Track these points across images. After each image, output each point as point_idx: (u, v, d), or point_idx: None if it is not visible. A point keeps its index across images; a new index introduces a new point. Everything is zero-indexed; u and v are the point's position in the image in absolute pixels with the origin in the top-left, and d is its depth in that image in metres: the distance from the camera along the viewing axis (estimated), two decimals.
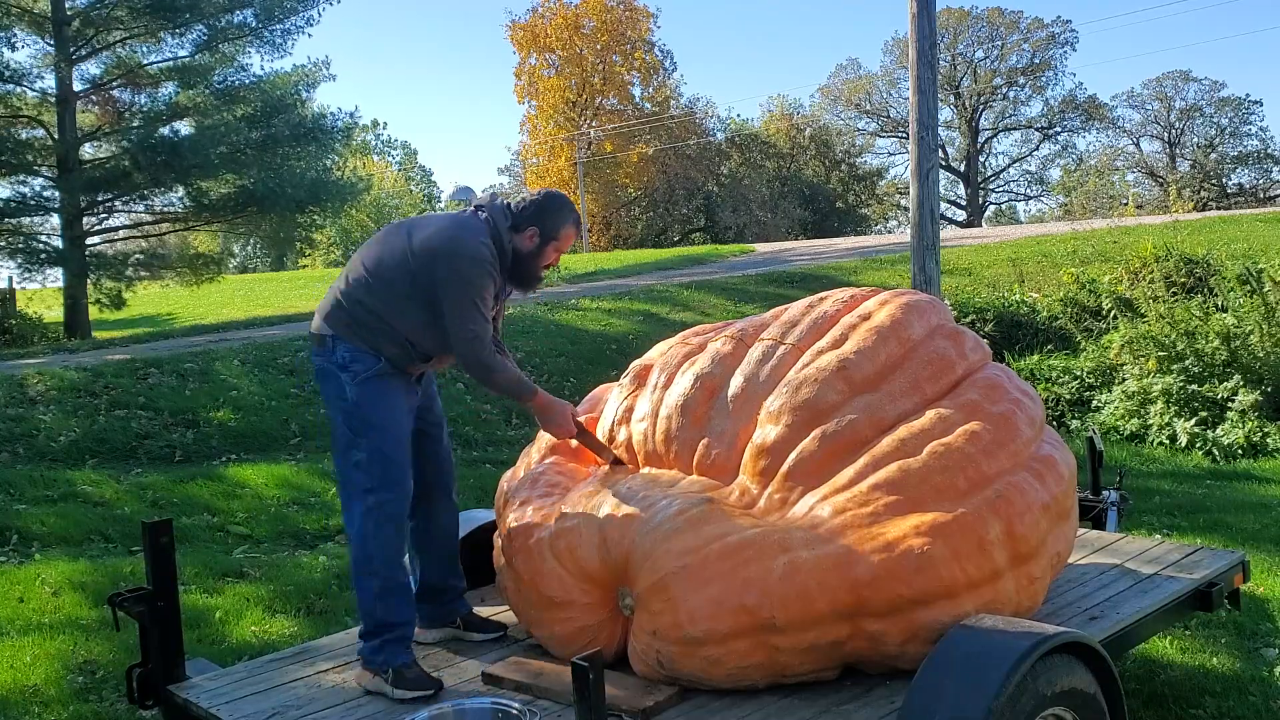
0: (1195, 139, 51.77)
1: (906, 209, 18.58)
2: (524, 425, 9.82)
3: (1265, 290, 8.95)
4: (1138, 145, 53.63)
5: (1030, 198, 57.15)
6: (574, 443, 3.47)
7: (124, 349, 12.49)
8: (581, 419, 3.55)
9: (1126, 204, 29.30)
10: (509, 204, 3.31)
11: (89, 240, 19.50)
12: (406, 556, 3.37)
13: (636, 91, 46.15)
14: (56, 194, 18.13)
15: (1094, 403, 9.28)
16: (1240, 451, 7.82)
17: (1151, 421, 8.52)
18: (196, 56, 19.00)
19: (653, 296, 15.29)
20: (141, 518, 4.69)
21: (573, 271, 22.06)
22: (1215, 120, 51.16)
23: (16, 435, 8.50)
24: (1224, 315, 9.07)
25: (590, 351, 12.01)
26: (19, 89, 17.91)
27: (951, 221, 50.27)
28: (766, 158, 50.31)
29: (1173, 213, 15.66)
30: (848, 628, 2.73)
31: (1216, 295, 9.97)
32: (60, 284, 18.95)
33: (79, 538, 6.48)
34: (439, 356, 3.29)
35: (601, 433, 3.48)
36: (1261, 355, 8.41)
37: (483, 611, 3.65)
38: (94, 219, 19.96)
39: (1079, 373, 9.66)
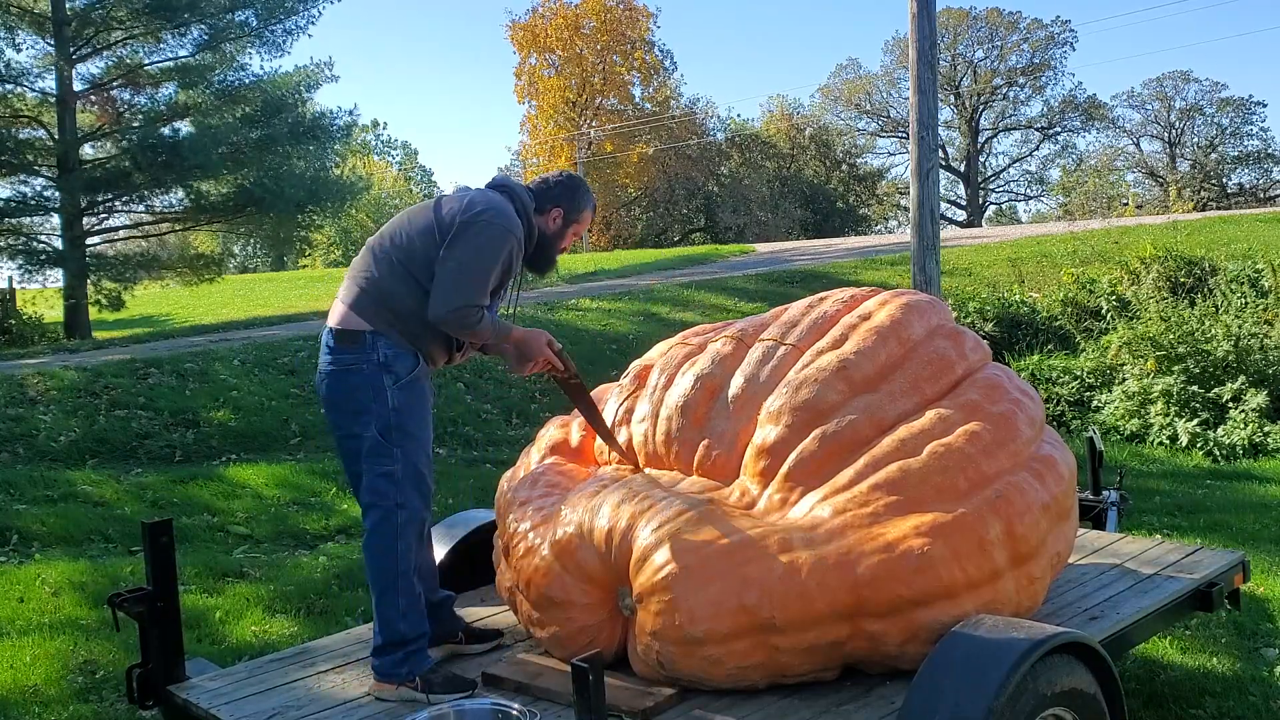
0: (1195, 139, 51.79)
1: (907, 209, 18.58)
2: (524, 425, 9.82)
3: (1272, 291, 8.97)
4: (1138, 145, 53.67)
5: (1030, 198, 57.20)
6: (572, 440, 3.46)
7: (124, 349, 12.49)
8: (577, 422, 3.56)
9: (1126, 204, 29.30)
10: (529, 185, 3.26)
11: (89, 240, 19.51)
12: None
13: (636, 91, 46.17)
14: (56, 194, 18.13)
15: (1094, 403, 9.28)
16: (1241, 451, 7.83)
17: (1152, 421, 8.52)
18: (197, 56, 18.99)
19: (653, 296, 15.29)
20: (141, 518, 4.69)
21: (573, 271, 22.05)
22: (1216, 120, 51.18)
23: (16, 435, 8.50)
24: (1225, 315, 9.07)
25: (590, 351, 12.01)
26: (19, 89, 17.91)
27: (951, 221, 50.27)
28: (767, 158, 50.31)
29: (1172, 213, 15.70)
30: (848, 628, 2.73)
31: (1216, 295, 9.97)
32: (60, 284, 18.94)
33: (79, 538, 6.48)
34: (457, 351, 3.22)
35: None
36: (1273, 357, 8.40)
37: (483, 611, 3.65)
38: (94, 219, 19.96)
39: (1079, 373, 9.66)
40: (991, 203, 57.35)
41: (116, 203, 19.55)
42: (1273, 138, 59.97)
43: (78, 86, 18.64)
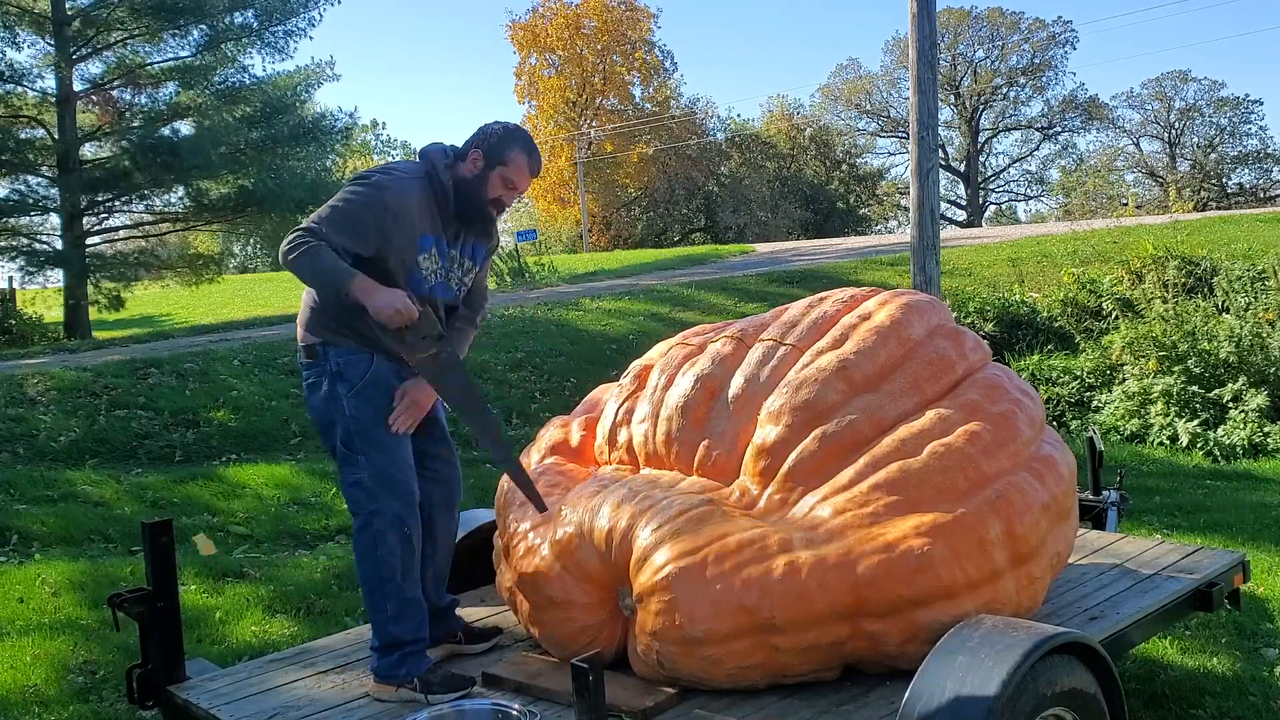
0: (1195, 139, 51.79)
1: (907, 209, 18.57)
2: (524, 425, 9.82)
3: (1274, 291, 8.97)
4: (1138, 145, 53.68)
5: (1030, 198, 57.22)
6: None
7: (124, 349, 12.49)
8: (576, 422, 3.54)
9: (1126, 204, 29.31)
10: (454, 146, 3.15)
11: (89, 240, 19.50)
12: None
13: (637, 91, 46.18)
14: (56, 194, 18.13)
15: (1094, 403, 9.28)
16: (1241, 451, 7.83)
17: (1152, 421, 8.52)
18: (197, 57, 19.00)
19: (653, 296, 15.29)
20: (141, 518, 4.70)
21: (573, 271, 22.07)
22: (1215, 120, 51.18)
23: (16, 435, 8.50)
24: (1227, 316, 9.07)
25: (590, 351, 12.01)
26: (19, 89, 17.91)
27: (951, 221, 50.27)
28: (767, 158, 50.31)
29: (1173, 213, 15.67)
30: (848, 628, 2.73)
31: (1217, 295, 9.97)
32: (60, 284, 18.94)
33: (79, 538, 6.48)
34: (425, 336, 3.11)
35: (602, 434, 3.48)
36: (1274, 357, 8.40)
37: (483, 611, 3.65)
38: (94, 219, 19.96)
39: (1079, 373, 9.66)
40: (991, 203, 57.41)
41: (116, 203, 19.55)
42: (1271, 137, 60.05)
43: (78, 86, 18.64)
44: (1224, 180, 50.56)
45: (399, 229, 2.99)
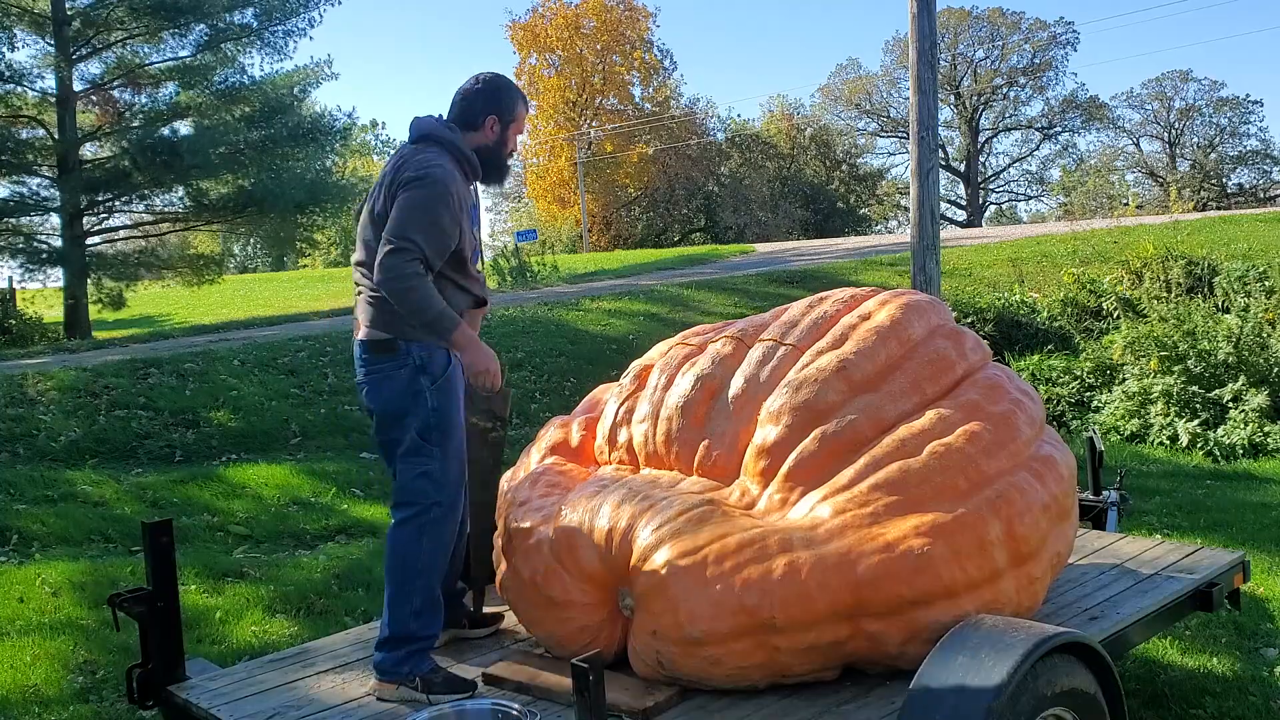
0: (1195, 139, 51.80)
1: (907, 209, 18.57)
2: (524, 425, 9.82)
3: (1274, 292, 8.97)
4: (1138, 145, 53.70)
5: (1030, 198, 57.24)
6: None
7: (124, 349, 12.49)
8: (576, 422, 3.55)
9: (1126, 204, 29.31)
10: (443, 116, 3.19)
11: (89, 240, 19.50)
12: None
13: (636, 91, 46.18)
14: (56, 194, 18.13)
15: (1094, 403, 9.28)
16: (1241, 451, 7.82)
17: (1152, 421, 8.51)
18: (197, 57, 19.00)
19: (653, 296, 15.29)
20: (141, 518, 4.69)
21: (573, 271, 22.07)
22: (1215, 120, 51.19)
23: (16, 435, 8.50)
24: (1227, 316, 9.06)
25: (590, 351, 12.01)
26: (19, 89, 17.90)
27: (952, 221, 50.28)
28: (767, 158, 50.31)
29: (1173, 213, 15.66)
30: (848, 628, 2.73)
31: (1217, 295, 9.97)
32: (60, 284, 18.94)
33: (79, 538, 6.48)
34: (474, 313, 3.23)
35: (602, 434, 3.48)
36: (1274, 358, 8.39)
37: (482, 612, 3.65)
38: (94, 219, 19.94)
39: (1079, 373, 9.65)
40: (991, 203, 57.42)
41: (116, 202, 19.55)
42: (1271, 138, 60.09)
43: (78, 86, 18.64)
44: (1224, 180, 50.57)
45: (464, 215, 3.08)
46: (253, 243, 32.74)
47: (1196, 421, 8.24)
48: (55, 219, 18.96)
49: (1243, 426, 7.97)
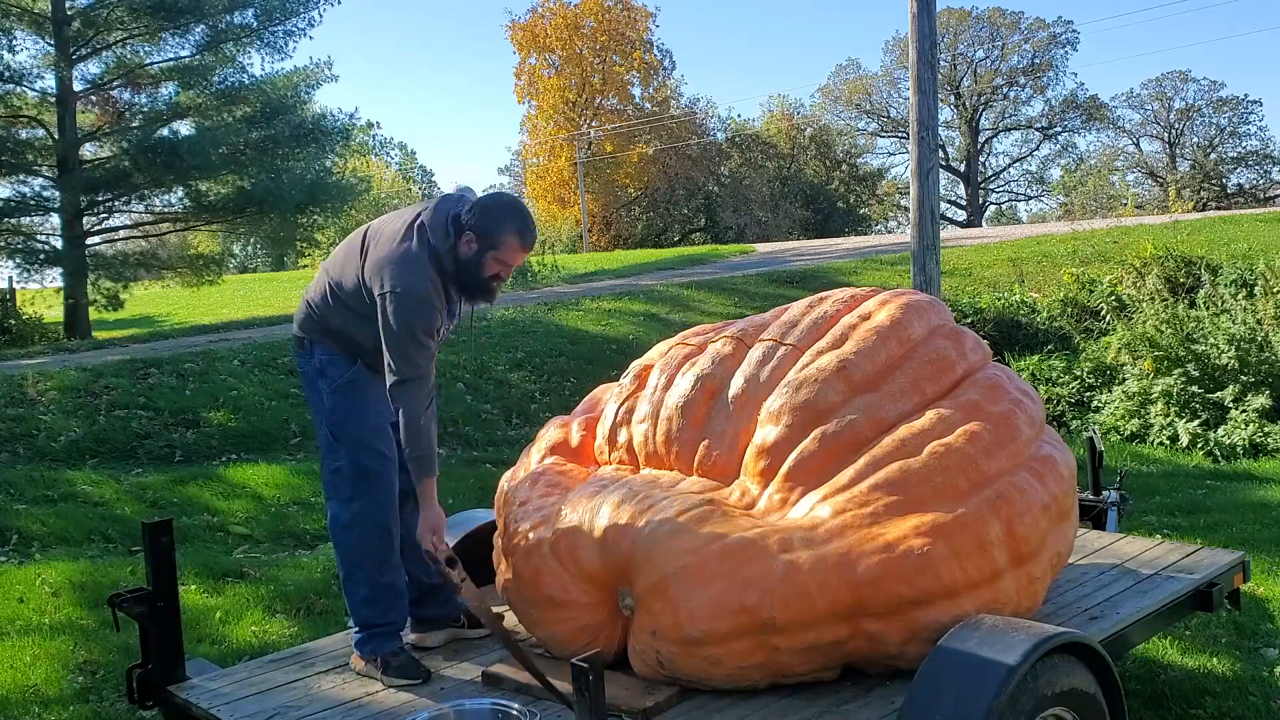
0: (1195, 139, 51.79)
1: (907, 209, 18.58)
2: (524, 425, 9.82)
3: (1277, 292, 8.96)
4: (1138, 145, 53.69)
5: (1030, 198, 57.22)
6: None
7: (124, 349, 12.49)
8: (576, 422, 3.55)
9: (1126, 204, 29.32)
10: (459, 213, 3.08)
11: (89, 240, 19.49)
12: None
13: (636, 91, 46.17)
14: (56, 194, 18.11)
15: (1094, 403, 9.28)
16: (1241, 452, 7.82)
17: (1152, 422, 8.52)
18: (197, 57, 18.99)
19: (653, 297, 15.29)
20: (141, 518, 4.69)
21: (573, 271, 22.07)
22: (1214, 120, 51.18)
23: (16, 435, 8.50)
24: (1225, 318, 9.06)
25: (590, 351, 12.01)
26: (19, 89, 17.89)
27: (952, 221, 50.27)
28: (767, 158, 50.30)
29: (1172, 213, 15.69)
30: (848, 628, 2.73)
31: (1216, 297, 9.96)
32: (60, 284, 18.94)
33: (79, 538, 6.48)
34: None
35: (602, 434, 3.48)
36: (1274, 358, 8.39)
37: None
38: (94, 219, 19.93)
39: (1079, 373, 9.66)
40: (991, 203, 57.42)
41: (116, 203, 19.54)
42: (1271, 138, 60.07)
43: (78, 86, 18.62)
44: (1224, 180, 50.56)
45: (442, 318, 3.10)
46: (253, 243, 32.73)
47: (1197, 422, 8.24)
48: (55, 219, 18.96)
49: (1243, 427, 7.97)
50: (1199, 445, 8.04)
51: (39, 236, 19.15)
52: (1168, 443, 8.27)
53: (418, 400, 3.01)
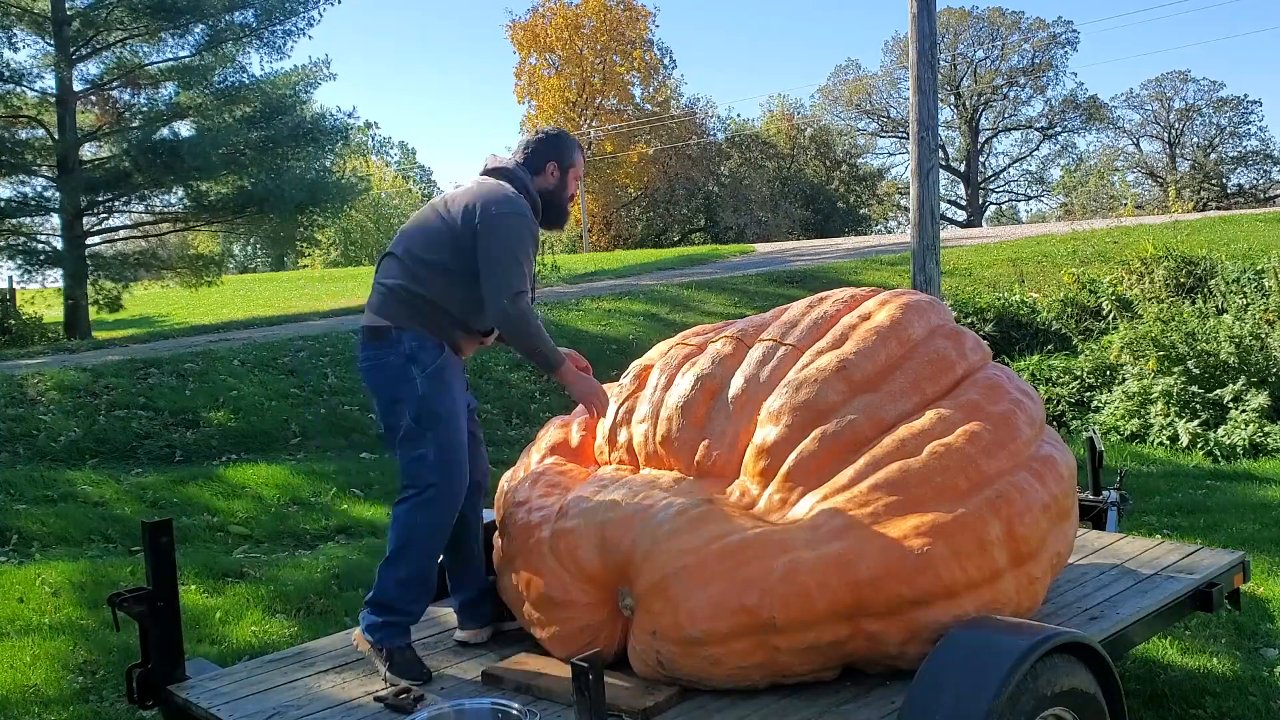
0: (1195, 139, 51.79)
1: (907, 209, 18.58)
2: (524, 425, 9.82)
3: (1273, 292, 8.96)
4: (1138, 145, 53.68)
5: (1030, 198, 57.24)
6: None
7: (124, 349, 12.49)
8: (576, 422, 3.55)
9: (1126, 204, 29.32)
10: (517, 159, 3.40)
11: (89, 240, 19.49)
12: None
13: (636, 91, 46.15)
14: (56, 194, 18.11)
15: (1094, 403, 9.27)
16: (1241, 452, 7.82)
17: (1152, 422, 8.51)
18: (197, 57, 18.99)
19: (653, 297, 15.29)
20: (141, 518, 4.69)
21: (573, 271, 22.06)
22: (1215, 120, 51.18)
23: (16, 435, 8.50)
24: (1225, 317, 9.06)
25: (590, 352, 11.93)
26: (19, 89, 17.89)
27: (952, 221, 50.27)
28: (767, 158, 50.29)
29: (1173, 213, 15.69)
30: (848, 628, 2.73)
31: (1216, 295, 9.97)
32: (60, 284, 18.93)
33: (79, 538, 6.48)
34: (486, 338, 3.35)
35: (602, 434, 3.48)
36: (1274, 358, 8.39)
37: None
38: (94, 219, 19.93)
39: (1079, 373, 9.65)
40: (991, 203, 57.41)
41: (116, 203, 19.54)
42: (1271, 138, 60.08)
43: (78, 86, 18.62)
44: (1224, 180, 50.56)
45: (535, 246, 3.31)
46: (253, 243, 32.74)
47: (1196, 421, 8.24)
48: (55, 219, 18.95)
49: (1243, 427, 7.97)
50: (1199, 445, 8.04)
51: (39, 237, 19.15)
52: (1168, 443, 8.27)
53: (530, 309, 3.14)
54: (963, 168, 54.02)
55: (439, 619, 3.61)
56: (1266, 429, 7.92)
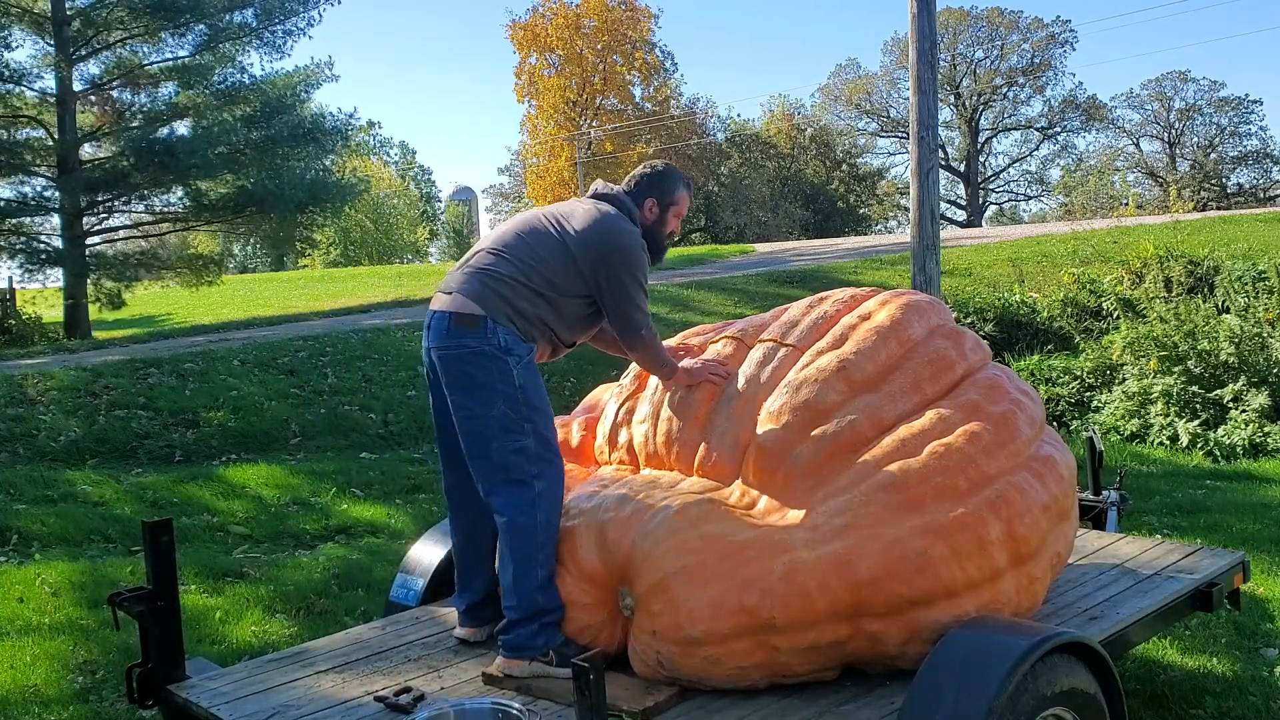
0: (1195, 139, 51.79)
1: (907, 209, 18.59)
2: None
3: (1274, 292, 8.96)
4: (1137, 145, 53.68)
5: (1030, 198, 57.22)
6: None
7: (124, 349, 12.49)
8: (576, 422, 3.54)
9: (1126, 204, 29.30)
10: (624, 189, 3.43)
11: (89, 240, 19.49)
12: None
13: (637, 91, 46.10)
14: (56, 194, 18.11)
15: (1094, 403, 9.27)
16: (1241, 451, 7.82)
17: (1152, 422, 8.51)
18: (196, 57, 18.99)
19: (653, 296, 15.09)
20: (141, 518, 4.69)
21: None
22: (1215, 120, 51.18)
23: (16, 435, 8.50)
24: (1227, 316, 9.06)
25: (591, 352, 11.92)
26: (19, 89, 17.89)
27: (952, 221, 50.27)
28: (767, 158, 50.28)
29: (1173, 213, 15.65)
30: (848, 628, 2.73)
31: (1216, 295, 9.96)
32: (60, 284, 18.94)
33: (79, 538, 6.48)
34: (559, 349, 3.36)
35: (602, 434, 3.48)
36: (1275, 358, 8.38)
37: None
38: (94, 219, 19.92)
39: (1079, 373, 9.65)
40: (992, 203, 57.40)
41: (116, 203, 19.53)
42: (1271, 137, 60.06)
43: (77, 86, 18.62)
44: (1224, 180, 50.56)
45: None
46: (253, 243, 32.73)
47: (1196, 421, 8.23)
48: (55, 219, 18.96)
49: (1243, 427, 7.97)
50: (1199, 445, 8.04)
51: (39, 237, 19.15)
52: (1168, 443, 8.27)
53: (657, 336, 3.26)
54: (963, 168, 54.02)
55: (439, 618, 3.61)
56: (1266, 429, 7.92)
